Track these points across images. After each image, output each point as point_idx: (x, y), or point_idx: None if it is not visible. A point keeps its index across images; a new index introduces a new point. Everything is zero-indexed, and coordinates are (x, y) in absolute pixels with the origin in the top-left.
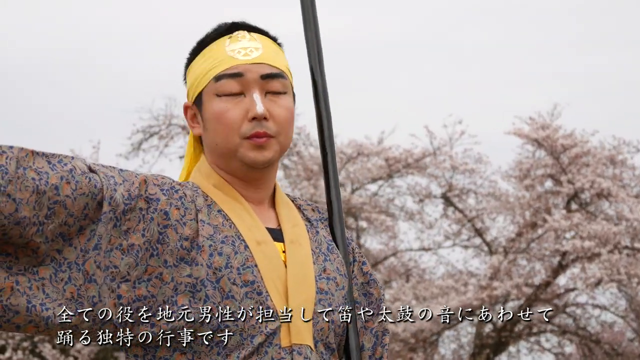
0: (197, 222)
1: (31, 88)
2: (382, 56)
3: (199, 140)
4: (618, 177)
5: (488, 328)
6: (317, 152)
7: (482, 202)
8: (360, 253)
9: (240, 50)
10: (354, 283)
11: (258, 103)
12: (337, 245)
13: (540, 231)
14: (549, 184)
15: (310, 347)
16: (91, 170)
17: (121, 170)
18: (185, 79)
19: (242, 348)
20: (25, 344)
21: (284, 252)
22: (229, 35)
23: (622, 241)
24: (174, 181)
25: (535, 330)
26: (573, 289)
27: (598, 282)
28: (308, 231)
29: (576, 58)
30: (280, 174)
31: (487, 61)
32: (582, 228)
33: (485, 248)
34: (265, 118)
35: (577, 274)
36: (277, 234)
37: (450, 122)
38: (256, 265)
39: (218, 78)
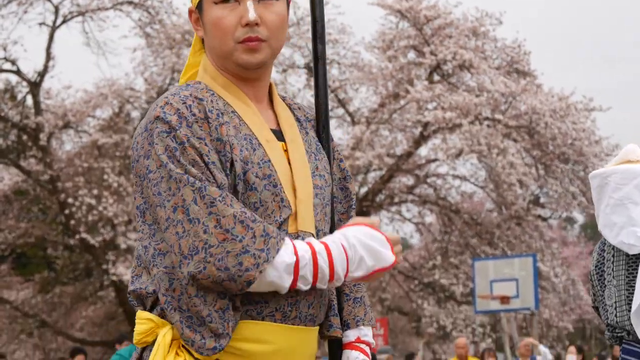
0: (225, 125)
1: None
2: None
3: (202, 41)
4: (480, 49)
5: None
6: (179, 21)
7: (346, 72)
8: (338, 151)
9: None
10: (333, 179)
11: (250, 10)
12: (323, 147)
13: (402, 102)
14: (411, 55)
15: (313, 234)
16: None
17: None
18: None
19: None
20: None
21: (285, 150)
22: None
23: (483, 112)
24: (199, 103)
25: (396, 200)
26: (434, 160)
27: (459, 153)
28: (300, 131)
29: None
30: (142, 42)
31: None
32: (444, 99)
33: (348, 118)
34: (257, 24)
35: (438, 144)
36: (277, 134)
37: None
38: (270, 161)
39: None
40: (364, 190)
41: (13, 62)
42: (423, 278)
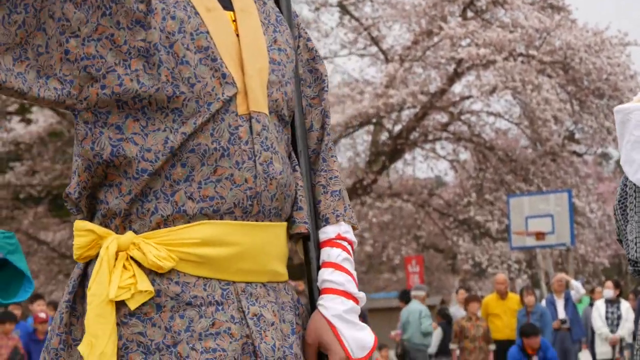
0: None
1: None
2: None
3: None
4: None
5: (384, 136)
6: None
7: (378, 10)
8: (304, 29)
9: None
10: (299, 59)
11: None
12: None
13: (436, 39)
14: None
15: (268, 116)
16: None
17: None
18: None
19: (198, 115)
20: None
21: (234, 21)
22: None
23: (517, 48)
24: None
25: (430, 137)
26: (468, 97)
27: (493, 90)
28: (255, 2)
29: None
30: None
31: None
32: (478, 35)
33: (381, 56)
34: None
35: (472, 81)
36: (225, 3)
37: None
38: (208, 32)
39: None
40: (398, 128)
41: None
42: (458, 215)
